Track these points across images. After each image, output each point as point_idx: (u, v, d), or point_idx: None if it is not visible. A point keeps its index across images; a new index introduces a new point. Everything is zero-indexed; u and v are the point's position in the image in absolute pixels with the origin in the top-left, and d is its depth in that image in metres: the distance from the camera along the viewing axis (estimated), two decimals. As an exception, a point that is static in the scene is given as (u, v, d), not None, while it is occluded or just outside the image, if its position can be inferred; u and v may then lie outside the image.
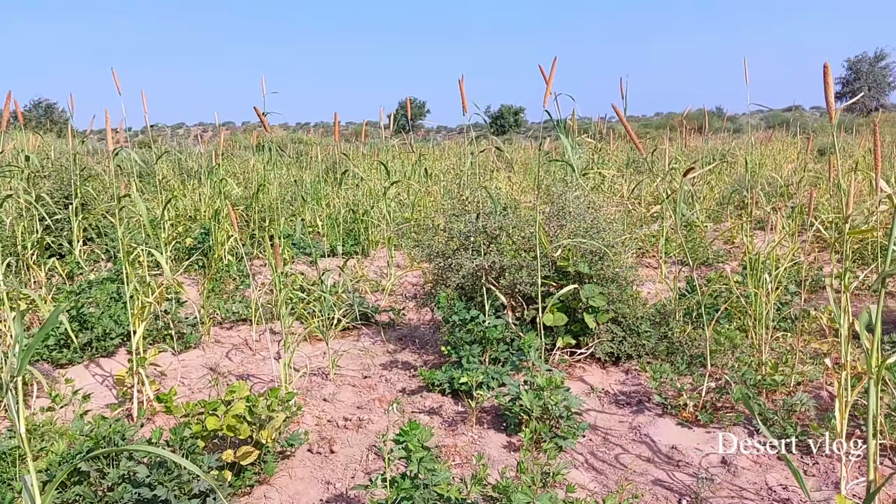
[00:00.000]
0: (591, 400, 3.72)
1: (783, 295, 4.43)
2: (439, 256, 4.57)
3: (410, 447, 2.30)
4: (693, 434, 3.26)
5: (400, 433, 2.32)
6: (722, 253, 6.91)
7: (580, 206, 4.47)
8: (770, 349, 3.93)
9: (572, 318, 4.20)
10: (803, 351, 4.03)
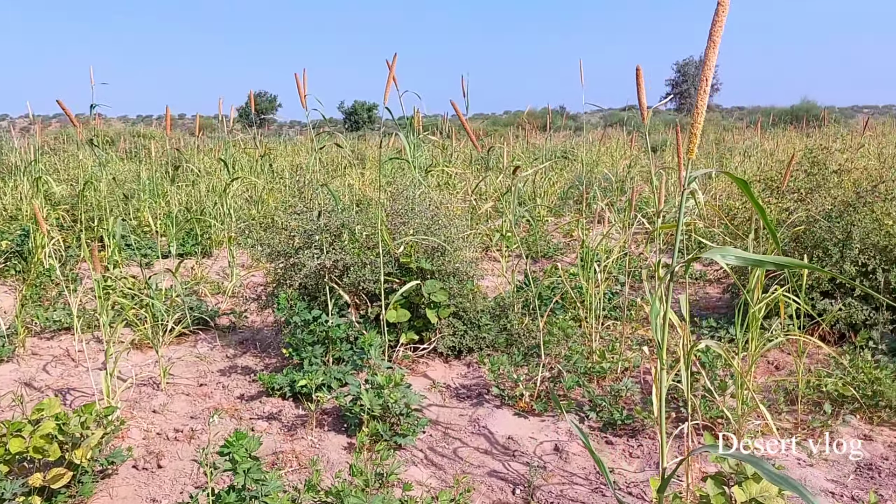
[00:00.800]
0: (432, 395, 3.75)
1: (613, 285, 4.68)
2: (281, 256, 4.44)
3: (237, 458, 2.20)
4: (529, 423, 3.37)
5: (225, 444, 2.21)
6: (561, 246, 7.22)
7: (422, 203, 4.50)
8: (600, 337, 4.13)
9: (415, 314, 4.22)
10: (631, 338, 4.27)
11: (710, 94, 7.03)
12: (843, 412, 3.33)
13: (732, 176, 1.43)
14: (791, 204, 4.92)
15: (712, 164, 11.04)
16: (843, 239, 4.37)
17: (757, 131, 16.04)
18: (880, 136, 14.02)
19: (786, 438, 3.15)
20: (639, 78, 2.69)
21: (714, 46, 1.31)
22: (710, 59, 1.30)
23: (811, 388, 3.45)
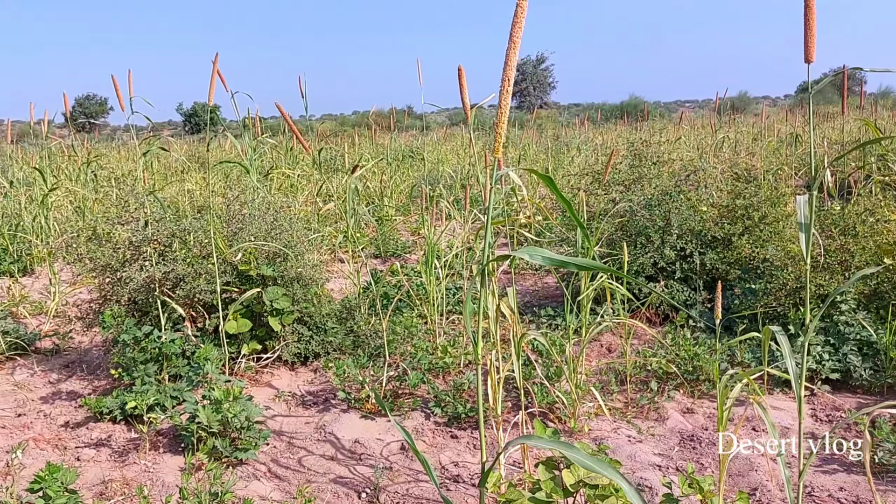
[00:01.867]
0: (277, 405, 3.64)
1: (456, 280, 4.76)
2: (107, 270, 4.14)
3: (50, 493, 2.03)
4: (375, 425, 3.35)
5: (35, 479, 2.03)
6: (409, 244, 7.27)
7: (261, 207, 4.36)
8: (444, 333, 4.20)
9: (258, 322, 4.09)
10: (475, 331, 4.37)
11: (547, 92, 7.38)
12: (668, 388, 3.58)
13: (537, 173, 1.48)
14: (617, 195, 5.23)
15: (550, 160, 11.55)
16: (664, 226, 4.70)
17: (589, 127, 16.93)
18: (699, 129, 15.28)
19: (617, 418, 3.34)
20: (461, 78, 2.74)
21: (514, 47, 1.34)
22: (510, 59, 1.34)
23: (638, 367, 3.68)
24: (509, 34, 1.34)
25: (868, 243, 4.01)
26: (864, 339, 3.64)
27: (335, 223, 7.48)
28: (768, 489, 2.67)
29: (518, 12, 1.31)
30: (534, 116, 19.81)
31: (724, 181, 5.57)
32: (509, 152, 14.49)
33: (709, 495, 2.21)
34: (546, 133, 17.88)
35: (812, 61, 2.07)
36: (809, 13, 2.02)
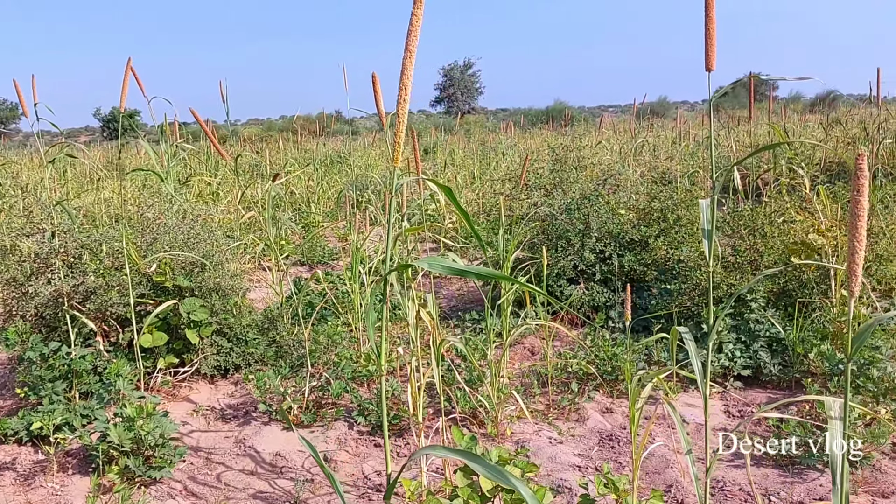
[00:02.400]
0: (195, 420, 3.54)
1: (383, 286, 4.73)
2: (11, 284, 3.95)
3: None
4: (297, 436, 3.29)
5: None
6: (336, 251, 7.20)
7: (176, 215, 4.24)
8: (369, 340, 4.16)
9: (175, 335, 3.97)
10: (400, 338, 4.35)
11: (474, 98, 7.40)
12: (588, 389, 3.64)
13: (437, 182, 1.48)
14: (539, 199, 5.30)
15: (476, 164, 11.63)
16: (584, 229, 4.79)
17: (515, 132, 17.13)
18: (621, 133, 15.67)
19: (539, 420, 3.38)
20: (375, 85, 2.73)
21: (410, 56, 1.34)
22: (407, 68, 1.33)
23: (559, 369, 3.73)
24: (405, 43, 1.33)
25: (776, 243, 4.18)
26: (773, 335, 3.79)
27: (259, 231, 7.34)
28: (683, 486, 2.74)
29: (413, 21, 1.31)
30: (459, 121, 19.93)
31: (642, 184, 5.73)
32: (437, 157, 14.54)
33: (623, 494, 2.26)
34: (474, 138, 18.03)
35: (712, 69, 2.14)
36: (710, 24, 2.10)
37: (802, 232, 4.20)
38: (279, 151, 12.98)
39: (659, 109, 26.50)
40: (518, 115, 28.20)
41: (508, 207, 5.41)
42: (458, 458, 1.35)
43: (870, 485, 2.71)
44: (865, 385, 3.24)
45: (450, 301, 5.52)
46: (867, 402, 3.20)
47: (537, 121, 24.82)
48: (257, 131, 23.11)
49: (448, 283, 6.16)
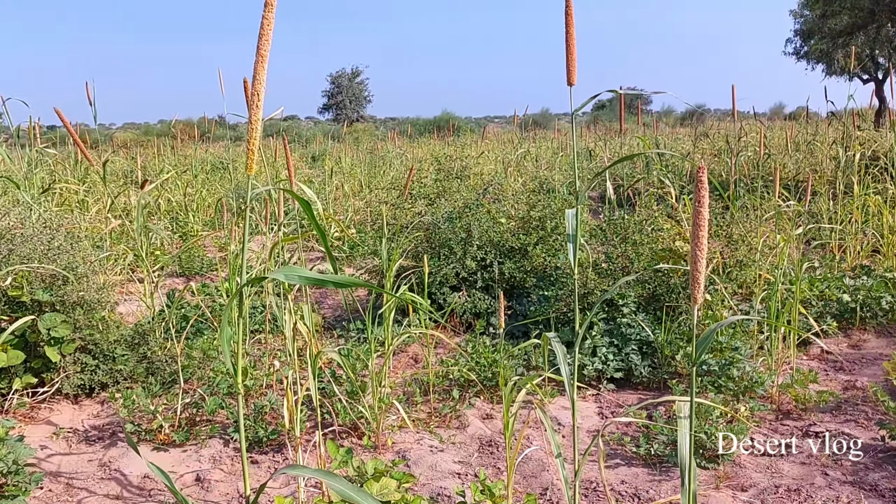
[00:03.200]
0: (56, 443, 3.31)
1: (264, 297, 4.60)
2: None
3: None
4: (169, 456, 3.14)
5: None
6: (216, 261, 6.95)
7: (34, 225, 3.96)
8: (247, 354, 4.04)
9: (33, 353, 3.70)
10: (281, 350, 4.25)
11: (363, 106, 7.34)
12: (469, 396, 3.68)
13: (294, 195, 1.45)
14: (423, 208, 5.33)
15: (364, 173, 11.57)
16: (466, 238, 4.85)
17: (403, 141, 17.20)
18: (505, 143, 16.03)
19: (421, 428, 3.38)
20: (247, 90, 2.65)
21: (262, 61, 1.30)
22: (259, 73, 1.30)
23: (441, 377, 3.75)
24: (256, 48, 1.30)
25: (645, 250, 4.38)
26: (644, 339, 3.97)
27: (132, 241, 6.97)
28: (558, 488, 2.81)
29: (264, 24, 1.27)
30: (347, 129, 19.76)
31: (522, 194, 5.87)
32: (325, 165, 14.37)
33: (499, 500, 2.29)
34: (363, 146, 17.93)
35: (574, 84, 2.22)
36: (570, 40, 2.17)
37: (670, 239, 4.43)
38: (156, 157, 12.42)
39: (541, 121, 27.29)
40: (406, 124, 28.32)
41: (393, 216, 5.40)
42: (315, 476, 1.32)
43: (730, 479, 2.87)
44: (727, 384, 3.44)
45: (335, 311, 5.45)
46: (728, 401, 3.40)
47: (425, 130, 25.01)
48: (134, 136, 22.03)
49: (335, 293, 6.08)
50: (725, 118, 20.67)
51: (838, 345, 4.40)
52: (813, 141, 10.36)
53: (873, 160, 8.49)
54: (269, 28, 1.28)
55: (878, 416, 3.30)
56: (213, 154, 13.33)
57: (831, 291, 4.58)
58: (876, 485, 2.76)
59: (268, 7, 1.27)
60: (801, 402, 3.42)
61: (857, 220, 5.93)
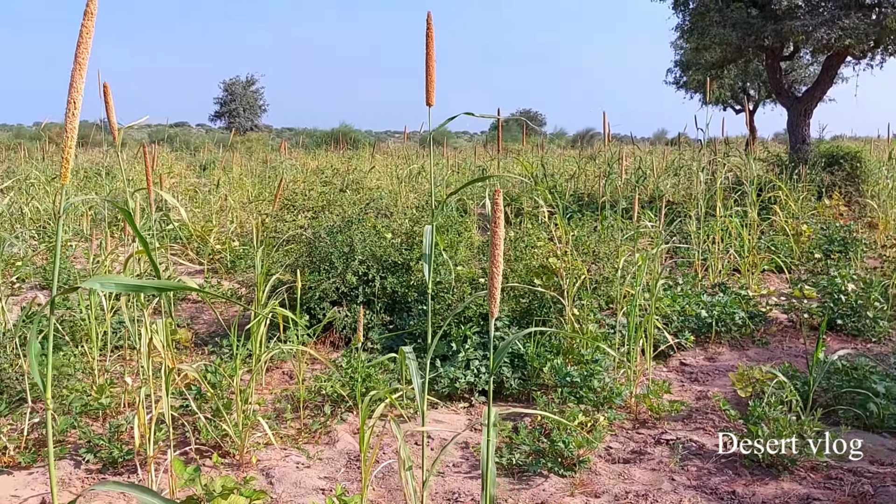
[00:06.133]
0: None
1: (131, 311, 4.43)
2: None
3: None
4: (14, 479, 2.96)
5: None
6: (86, 273, 6.62)
7: None
8: (106, 371, 3.87)
9: None
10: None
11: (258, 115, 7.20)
12: (341, 411, 3.67)
13: (117, 205, 1.42)
14: (306, 221, 5.29)
15: (257, 184, 11.34)
16: (348, 252, 4.85)
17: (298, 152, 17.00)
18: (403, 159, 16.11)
19: (289, 444, 3.34)
20: (107, 96, 2.57)
21: (80, 69, 1.27)
22: (76, 81, 1.26)
23: (313, 393, 3.72)
24: (74, 55, 1.27)
25: (519, 266, 4.52)
26: (515, 352, 4.08)
27: None
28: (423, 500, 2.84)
29: (83, 33, 1.25)
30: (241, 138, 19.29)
31: (412, 209, 5.93)
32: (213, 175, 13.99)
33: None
34: (256, 156, 17.57)
35: (432, 104, 2.28)
36: (430, 62, 2.23)
37: (543, 256, 4.59)
38: (25, 161, 11.73)
39: (439, 137, 27.61)
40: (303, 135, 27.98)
41: (275, 229, 5.32)
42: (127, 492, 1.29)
43: (585, 486, 2.99)
44: (587, 395, 3.59)
45: (210, 327, 5.30)
46: (590, 411, 3.55)
47: (322, 142, 24.78)
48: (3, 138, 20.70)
49: (210, 309, 5.92)
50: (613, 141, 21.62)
51: (695, 357, 4.67)
52: (688, 166, 10.99)
53: (738, 184, 9.10)
54: (87, 36, 1.25)
55: (723, 423, 3.53)
56: (89, 160, 12.71)
57: (691, 307, 4.87)
58: (716, 488, 2.95)
59: (87, 16, 1.24)
60: (656, 412, 3.61)
61: (718, 241, 6.33)
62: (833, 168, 10.87)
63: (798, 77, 20.74)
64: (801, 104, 12.08)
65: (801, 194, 9.00)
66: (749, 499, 2.87)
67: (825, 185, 10.48)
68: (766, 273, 6.90)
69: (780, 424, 3.10)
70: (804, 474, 3.07)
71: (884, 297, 5.47)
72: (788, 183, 8.90)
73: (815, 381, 3.52)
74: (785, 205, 7.75)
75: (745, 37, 10.55)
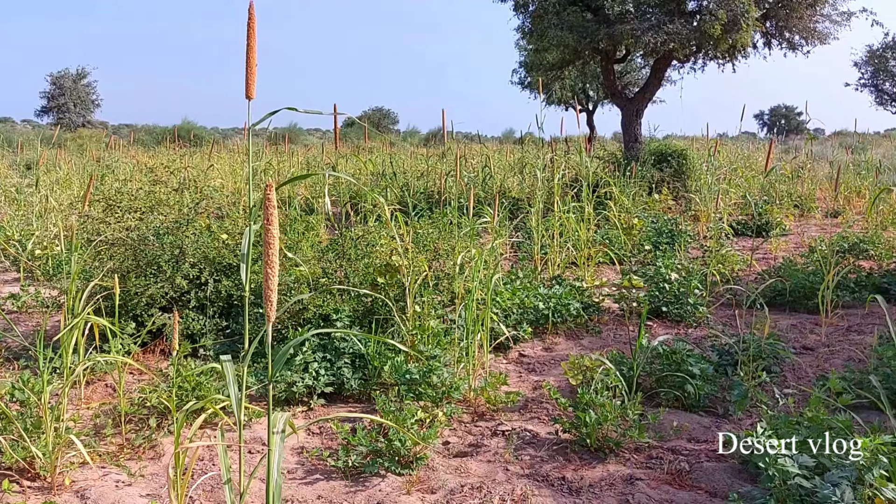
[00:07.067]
0: None
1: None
2: None
3: None
4: None
5: None
6: None
7: None
8: None
9: None
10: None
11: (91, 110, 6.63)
12: (169, 423, 3.45)
13: None
14: (132, 222, 4.95)
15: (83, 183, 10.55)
16: (178, 254, 4.58)
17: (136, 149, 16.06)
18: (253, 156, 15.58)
19: (109, 462, 3.10)
20: None
21: None
22: None
23: (137, 405, 3.48)
24: None
25: (360, 265, 4.46)
26: (356, 352, 4.02)
27: None
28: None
29: None
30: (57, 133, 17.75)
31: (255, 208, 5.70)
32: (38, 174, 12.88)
33: (170, 533, 2.15)
34: (89, 154, 16.38)
35: (252, 97, 2.17)
36: (251, 53, 2.12)
37: (386, 255, 4.56)
38: None
39: (291, 135, 27.03)
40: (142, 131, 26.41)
41: (96, 231, 4.94)
42: None
43: (422, 483, 2.99)
44: (427, 391, 3.60)
45: (27, 338, 4.84)
46: (429, 407, 3.56)
47: (163, 139, 23.50)
48: None
49: (28, 318, 5.43)
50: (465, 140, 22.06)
51: (534, 348, 4.83)
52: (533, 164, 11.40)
53: (576, 181, 9.54)
54: None
55: (556, 412, 3.66)
56: None
57: (529, 300, 5.03)
58: (547, 475, 3.05)
59: None
60: (493, 404, 3.69)
61: (557, 236, 6.59)
62: (662, 165, 11.67)
63: (632, 79, 22.11)
64: (633, 105, 12.86)
65: (633, 190, 9.58)
66: (577, 483, 2.98)
67: (655, 181, 11.23)
68: (601, 265, 7.28)
69: (606, 410, 3.24)
70: (628, 455, 3.24)
71: (703, 285, 5.92)
72: (622, 179, 9.44)
73: (638, 367, 3.73)
74: (618, 200, 8.20)
75: (580, 39, 11.08)
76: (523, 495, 2.86)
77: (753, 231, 9.35)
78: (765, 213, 9.57)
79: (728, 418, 3.68)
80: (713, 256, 6.29)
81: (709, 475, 3.03)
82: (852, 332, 5.25)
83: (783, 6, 11.78)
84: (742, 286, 6.04)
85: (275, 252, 1.28)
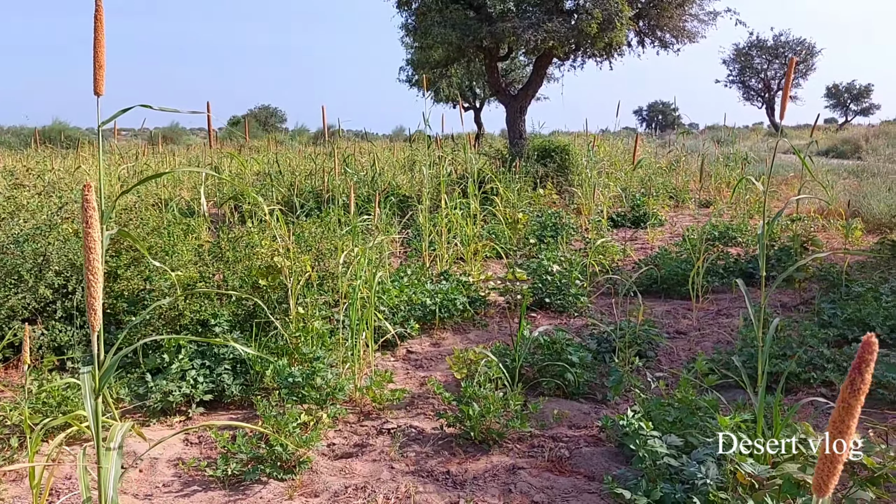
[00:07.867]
0: None
1: None
2: None
3: None
4: None
5: None
6: None
7: None
8: None
9: None
10: None
11: None
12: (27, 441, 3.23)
13: None
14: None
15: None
16: (42, 263, 4.30)
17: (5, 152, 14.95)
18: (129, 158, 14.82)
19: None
20: None
21: None
22: None
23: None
24: None
25: (239, 268, 4.33)
26: (237, 357, 3.90)
27: None
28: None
29: None
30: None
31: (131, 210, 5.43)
32: None
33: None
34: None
35: (101, 94, 2.06)
36: (98, 47, 2.01)
37: (268, 256, 4.44)
38: None
39: (172, 135, 25.94)
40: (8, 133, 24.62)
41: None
42: None
43: (305, 487, 2.94)
44: (310, 394, 3.54)
45: None
46: (314, 409, 3.50)
47: (31, 140, 21.99)
48: None
49: None
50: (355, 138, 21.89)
51: (422, 344, 4.85)
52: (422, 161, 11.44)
53: (463, 178, 9.65)
54: None
55: (442, 407, 3.69)
56: None
57: (417, 296, 5.04)
58: (432, 471, 3.06)
59: None
60: (379, 402, 3.67)
61: (444, 231, 6.65)
62: (546, 160, 11.99)
63: (516, 77, 22.60)
64: (518, 102, 13.15)
65: (518, 185, 9.80)
66: (462, 476, 3.01)
67: (539, 176, 11.53)
68: (488, 260, 7.40)
69: (489, 402, 3.30)
70: (511, 446, 3.30)
71: (584, 276, 6.13)
72: (507, 175, 9.63)
73: (520, 358, 3.81)
74: (503, 196, 8.36)
75: (464, 37, 11.21)
76: (407, 493, 2.87)
77: (631, 222, 9.77)
78: (642, 205, 10.03)
79: (606, 403, 3.82)
80: (593, 248, 6.52)
81: (587, 460, 3.14)
82: (721, 315, 5.57)
83: (654, 6, 12.36)
84: (621, 276, 6.30)
85: (97, 257, 1.21)
